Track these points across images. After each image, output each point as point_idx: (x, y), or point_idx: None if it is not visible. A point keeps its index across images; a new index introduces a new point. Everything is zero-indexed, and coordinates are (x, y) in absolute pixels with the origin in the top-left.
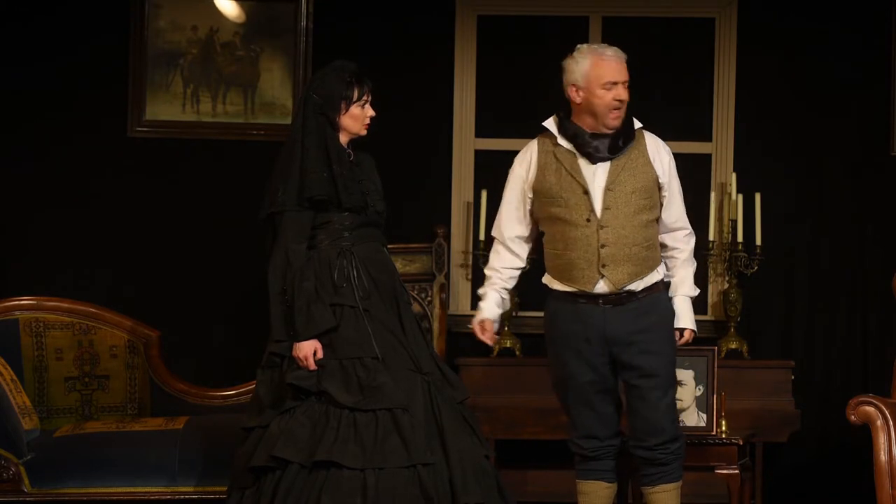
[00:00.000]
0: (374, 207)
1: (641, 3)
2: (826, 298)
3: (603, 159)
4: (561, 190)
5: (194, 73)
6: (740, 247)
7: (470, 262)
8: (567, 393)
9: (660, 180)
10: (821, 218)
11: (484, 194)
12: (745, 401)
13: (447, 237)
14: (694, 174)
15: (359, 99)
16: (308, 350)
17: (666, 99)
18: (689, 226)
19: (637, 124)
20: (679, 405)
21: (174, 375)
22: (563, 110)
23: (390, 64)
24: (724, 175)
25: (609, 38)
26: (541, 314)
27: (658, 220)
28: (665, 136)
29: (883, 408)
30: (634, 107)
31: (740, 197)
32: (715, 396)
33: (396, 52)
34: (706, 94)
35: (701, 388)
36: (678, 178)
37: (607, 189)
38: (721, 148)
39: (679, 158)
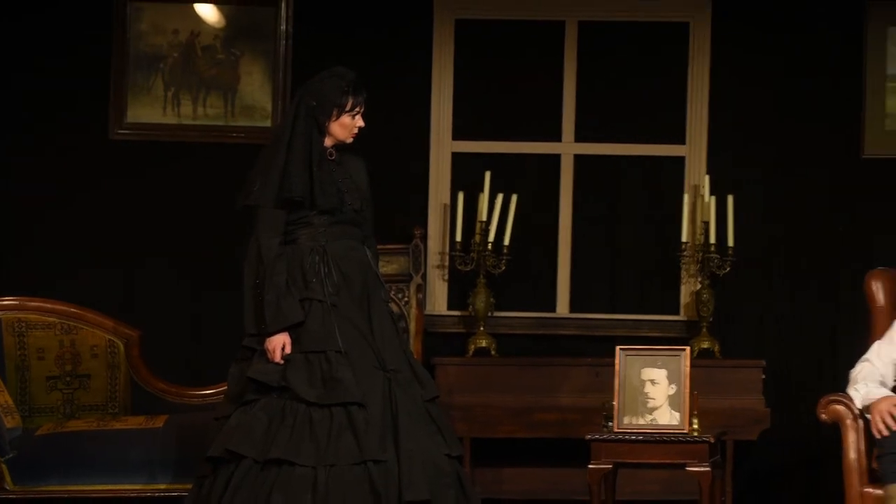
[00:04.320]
0: (351, 206)
1: (616, 8)
2: (797, 299)
3: None
4: None
5: (175, 77)
6: (713, 248)
7: (447, 263)
8: None
9: None
10: (793, 220)
11: (461, 196)
12: (717, 400)
13: (424, 238)
14: (667, 176)
15: (351, 109)
16: (277, 343)
17: (641, 102)
18: None
19: None
20: (651, 404)
21: (154, 375)
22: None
23: (369, 66)
24: (697, 177)
25: (584, 43)
26: (518, 314)
27: None
28: (639, 139)
29: (853, 406)
30: (609, 109)
31: (713, 199)
32: (687, 395)
33: (375, 55)
34: (680, 97)
35: (674, 387)
36: None
37: None
38: (694, 150)
39: (652, 161)
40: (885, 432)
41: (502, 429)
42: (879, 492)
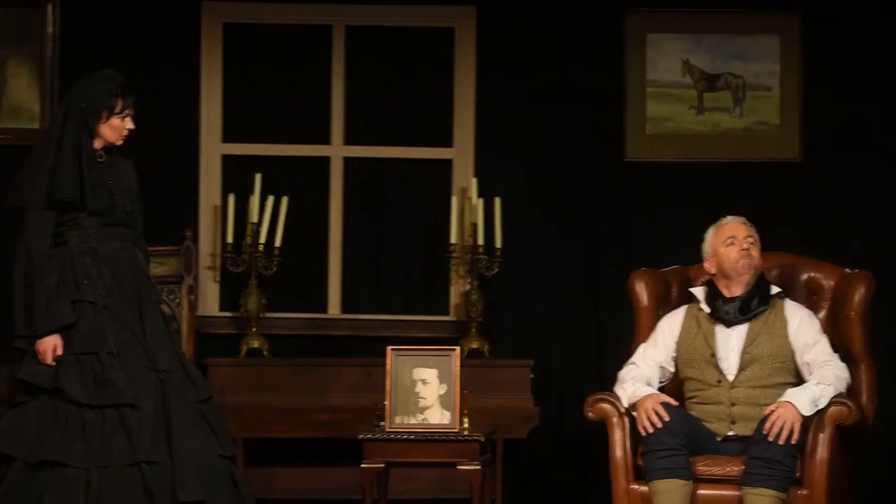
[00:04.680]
0: (122, 208)
1: (383, 13)
2: (563, 299)
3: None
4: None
5: None
6: (481, 249)
7: (218, 265)
8: None
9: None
10: (558, 221)
11: (231, 198)
12: (487, 399)
13: (195, 240)
14: (435, 179)
15: (121, 111)
16: (48, 345)
17: (408, 105)
18: (835, 363)
19: (774, 290)
20: (422, 403)
21: None
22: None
23: (138, 69)
24: (465, 180)
25: (352, 47)
26: (290, 314)
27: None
28: (407, 143)
29: (618, 405)
30: (377, 113)
31: (481, 201)
32: (458, 395)
33: (144, 58)
34: (447, 100)
35: (444, 386)
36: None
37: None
38: (461, 153)
39: (420, 163)
40: (650, 429)
41: (275, 429)
42: (644, 488)
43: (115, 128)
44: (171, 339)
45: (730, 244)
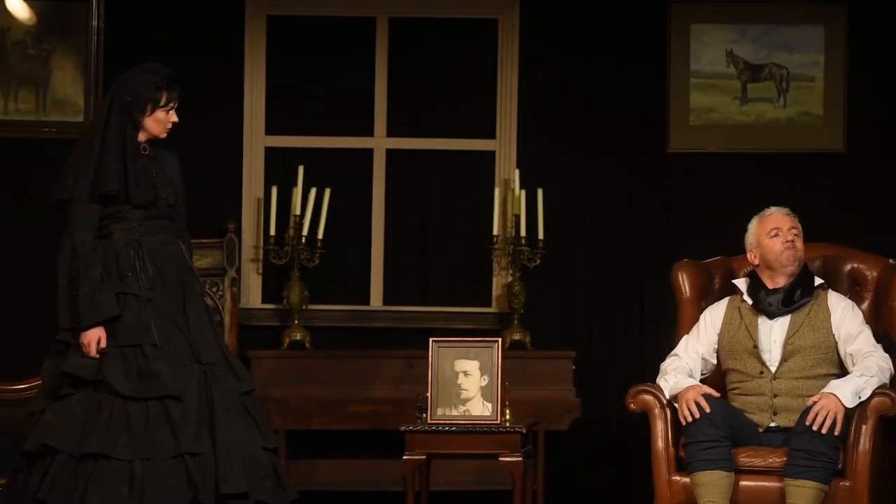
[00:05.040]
0: (165, 201)
1: (426, 5)
2: (605, 290)
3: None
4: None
5: None
6: (523, 241)
7: (261, 257)
8: None
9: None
10: (601, 213)
11: (274, 190)
12: (529, 390)
13: (238, 232)
14: (478, 171)
15: (166, 104)
16: (93, 337)
17: (451, 97)
18: (878, 354)
19: (817, 281)
20: (464, 395)
21: None
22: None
23: (182, 62)
24: (508, 171)
25: (395, 39)
26: (333, 306)
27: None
28: (450, 134)
29: (660, 396)
30: (420, 104)
31: (523, 193)
32: (499, 386)
33: (188, 51)
34: (490, 92)
35: (486, 378)
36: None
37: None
38: (504, 145)
39: (463, 155)
40: (692, 419)
41: (317, 421)
42: (686, 480)
43: (160, 121)
44: (215, 331)
45: (774, 236)
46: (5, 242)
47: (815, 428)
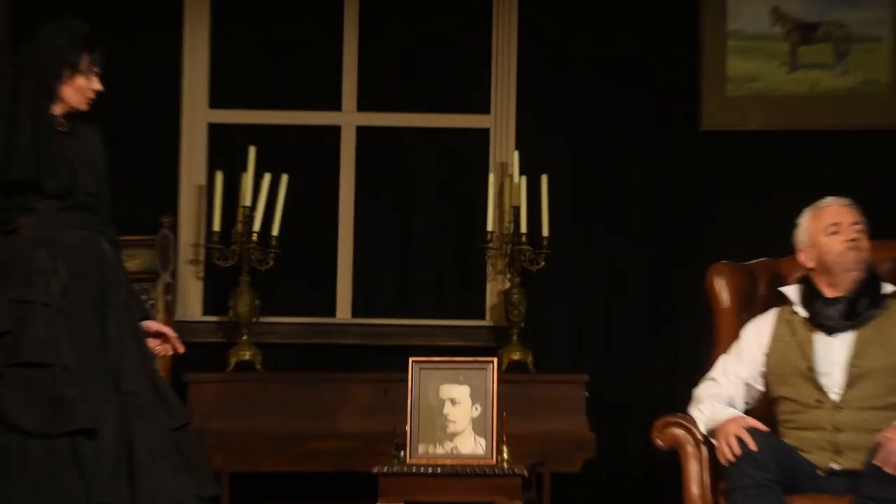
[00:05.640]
0: (85, 188)
1: None
2: (623, 299)
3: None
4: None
5: None
6: (524, 238)
7: (202, 257)
8: None
9: None
10: (617, 205)
11: (219, 176)
12: (531, 422)
13: (175, 227)
14: (468, 153)
15: (87, 69)
16: None
17: (436, 65)
18: None
19: (888, 288)
20: (452, 428)
21: None
22: None
23: (106, 20)
24: (505, 154)
25: (371, 13)
26: (290, 319)
27: None
28: (433, 109)
29: (694, 430)
30: (398, 74)
31: (524, 180)
32: (495, 418)
33: (115, 7)
34: (484, 59)
35: (478, 407)
36: None
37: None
38: (500, 122)
39: (450, 134)
40: (733, 458)
41: (269, 461)
42: None
43: (80, 89)
44: (141, 351)
45: (833, 233)
46: None
47: (887, 470)
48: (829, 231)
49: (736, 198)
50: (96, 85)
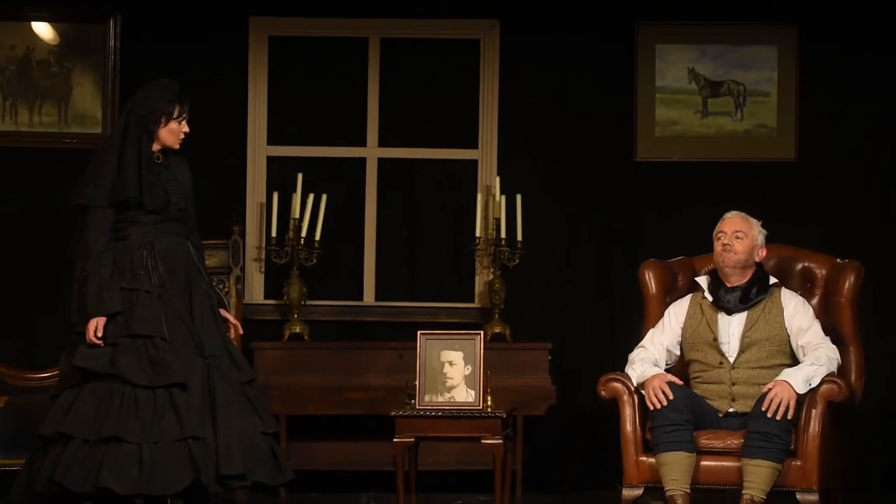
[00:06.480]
0: (176, 206)
1: (415, 27)
2: (579, 288)
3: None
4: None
5: (12, 88)
6: (503, 242)
7: (263, 257)
8: None
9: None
10: (574, 216)
11: (275, 196)
12: (508, 379)
13: (242, 234)
14: (461, 178)
15: (178, 116)
16: (91, 326)
17: (438, 110)
18: (826, 345)
19: (772, 280)
20: (449, 383)
21: None
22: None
23: (191, 78)
24: (489, 178)
25: (386, 58)
26: (329, 302)
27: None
28: (436, 144)
29: (629, 384)
30: (409, 117)
31: (503, 198)
32: (481, 375)
33: (198, 68)
34: (473, 105)
35: (469, 367)
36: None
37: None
38: (486, 154)
39: (449, 164)
40: (658, 405)
41: (315, 407)
42: (652, 460)
43: (173, 132)
44: (219, 326)
45: (718, 239)
46: (32, 242)
47: (769, 413)
48: (716, 237)
49: (662, 212)
50: (185, 128)
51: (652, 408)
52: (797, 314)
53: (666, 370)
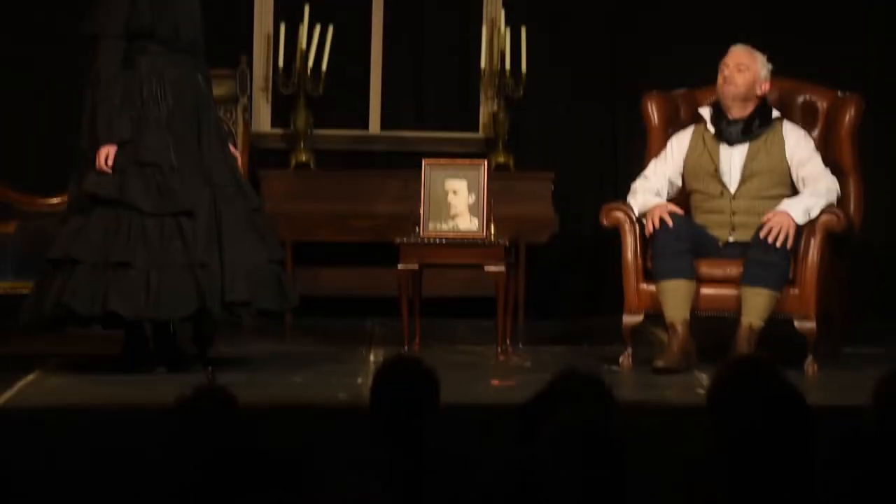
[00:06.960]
0: (186, 36)
1: None
2: (582, 119)
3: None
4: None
5: None
6: (508, 74)
7: (270, 87)
8: None
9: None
10: (579, 48)
11: (282, 27)
12: (511, 207)
13: (249, 64)
14: (467, 9)
15: None
16: (102, 153)
17: None
18: (827, 177)
19: (775, 113)
20: (453, 211)
21: (4, 184)
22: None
23: None
24: (494, 10)
25: None
26: (335, 131)
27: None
28: None
29: (630, 213)
30: None
31: (508, 30)
32: (485, 204)
33: None
34: None
35: (473, 196)
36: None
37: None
38: None
39: None
40: (658, 226)
41: (321, 233)
42: (653, 287)
43: None
44: (226, 155)
45: (721, 70)
46: (43, 67)
47: (769, 241)
48: (720, 69)
49: (667, 48)
50: None
51: (652, 230)
52: (798, 146)
53: (668, 200)
